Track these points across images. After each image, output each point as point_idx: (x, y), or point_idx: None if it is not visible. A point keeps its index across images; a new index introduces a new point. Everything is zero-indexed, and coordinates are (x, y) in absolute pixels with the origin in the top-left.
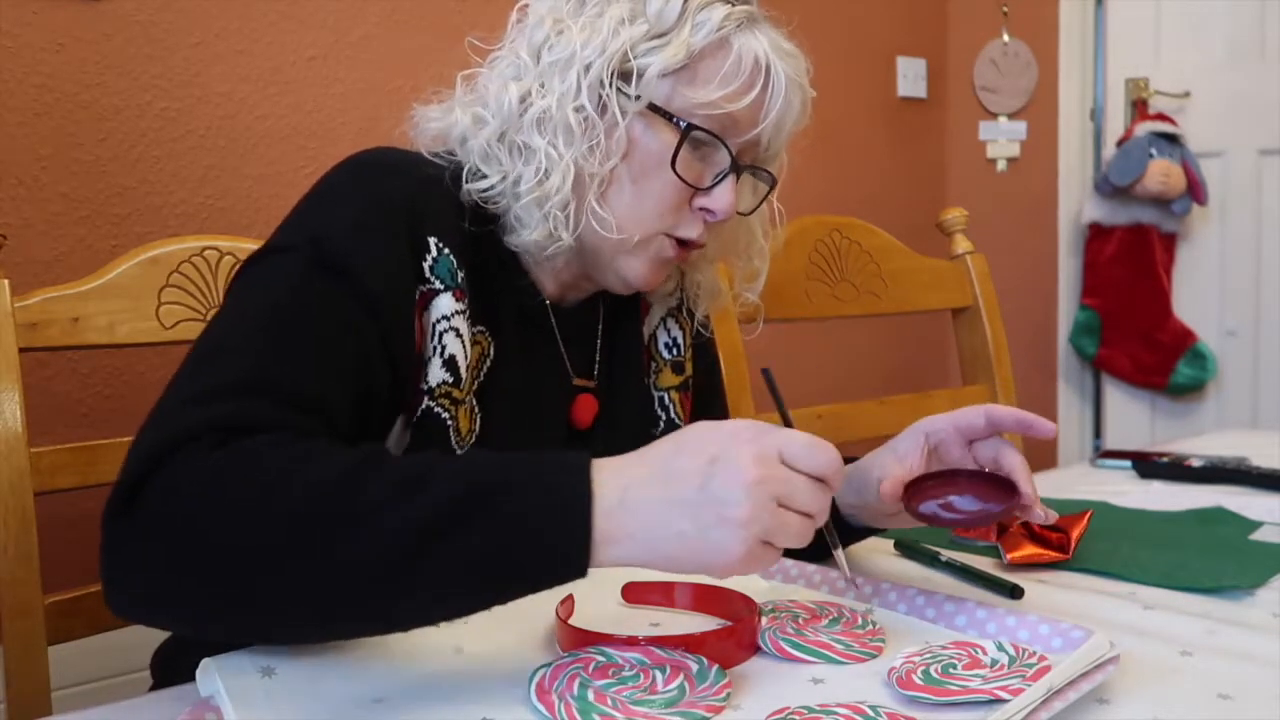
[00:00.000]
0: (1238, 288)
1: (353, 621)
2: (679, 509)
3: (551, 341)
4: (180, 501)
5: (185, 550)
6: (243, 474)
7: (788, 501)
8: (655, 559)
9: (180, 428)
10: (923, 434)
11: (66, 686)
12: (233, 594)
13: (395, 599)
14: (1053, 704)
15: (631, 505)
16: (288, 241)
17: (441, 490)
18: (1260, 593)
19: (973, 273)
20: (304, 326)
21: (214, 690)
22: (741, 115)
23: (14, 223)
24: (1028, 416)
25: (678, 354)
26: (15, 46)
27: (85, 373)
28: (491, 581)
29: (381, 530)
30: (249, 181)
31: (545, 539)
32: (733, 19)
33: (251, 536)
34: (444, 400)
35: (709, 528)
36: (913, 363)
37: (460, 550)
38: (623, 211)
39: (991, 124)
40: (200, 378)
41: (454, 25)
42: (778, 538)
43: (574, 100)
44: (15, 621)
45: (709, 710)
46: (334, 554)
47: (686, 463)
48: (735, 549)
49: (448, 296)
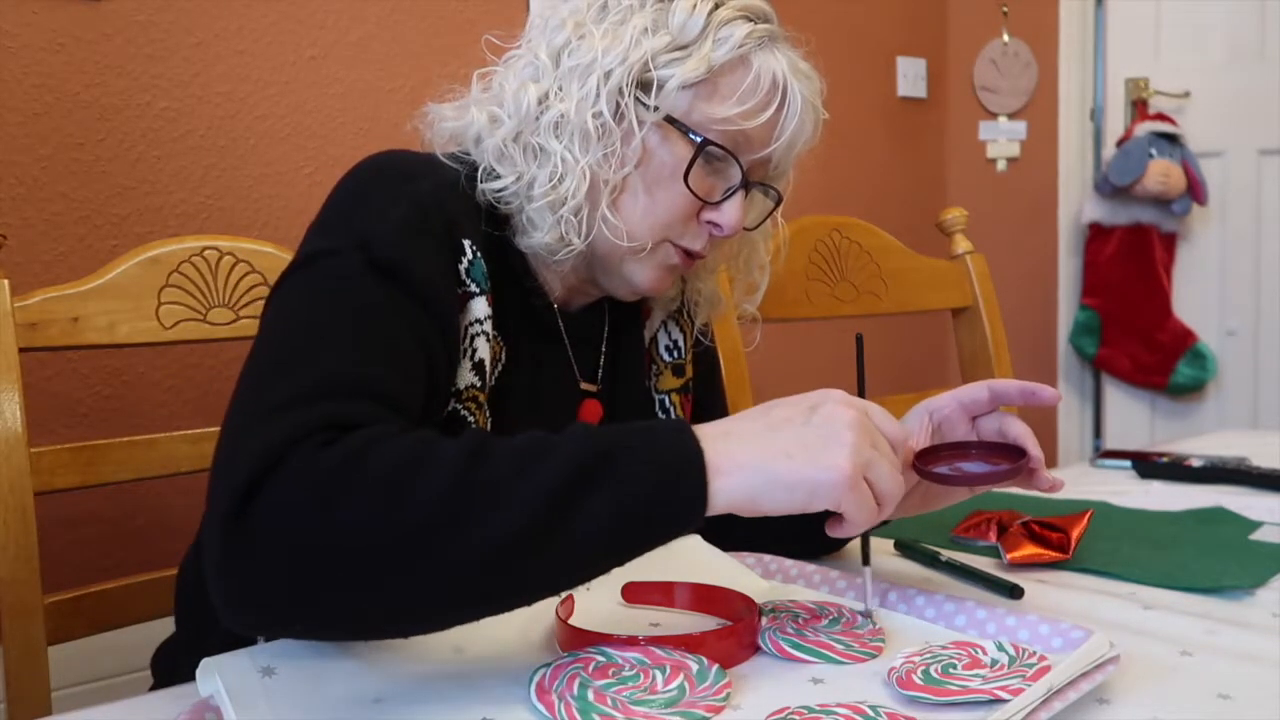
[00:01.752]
0: (1238, 288)
1: (493, 600)
2: (785, 436)
3: (559, 346)
4: (299, 508)
5: (312, 559)
6: (360, 471)
7: (878, 447)
8: (766, 484)
9: (283, 432)
10: (927, 412)
11: (66, 686)
12: (368, 594)
13: (534, 569)
14: (1053, 704)
15: (738, 436)
16: (333, 245)
17: (563, 457)
18: (1260, 593)
19: (973, 273)
20: (375, 325)
21: (214, 690)
22: (756, 133)
23: (14, 223)
24: (1031, 385)
25: (678, 356)
26: (15, 46)
27: (85, 373)
28: (623, 535)
29: (513, 503)
30: (249, 181)
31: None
32: (754, 37)
33: (381, 533)
34: (470, 404)
35: (816, 448)
36: (913, 363)
37: (591, 507)
38: (634, 219)
39: (991, 124)
40: (285, 382)
41: (455, 25)
42: (878, 473)
43: (592, 106)
44: (15, 621)
45: (709, 710)
46: (471, 534)
47: (785, 411)
48: (843, 464)
49: (481, 300)
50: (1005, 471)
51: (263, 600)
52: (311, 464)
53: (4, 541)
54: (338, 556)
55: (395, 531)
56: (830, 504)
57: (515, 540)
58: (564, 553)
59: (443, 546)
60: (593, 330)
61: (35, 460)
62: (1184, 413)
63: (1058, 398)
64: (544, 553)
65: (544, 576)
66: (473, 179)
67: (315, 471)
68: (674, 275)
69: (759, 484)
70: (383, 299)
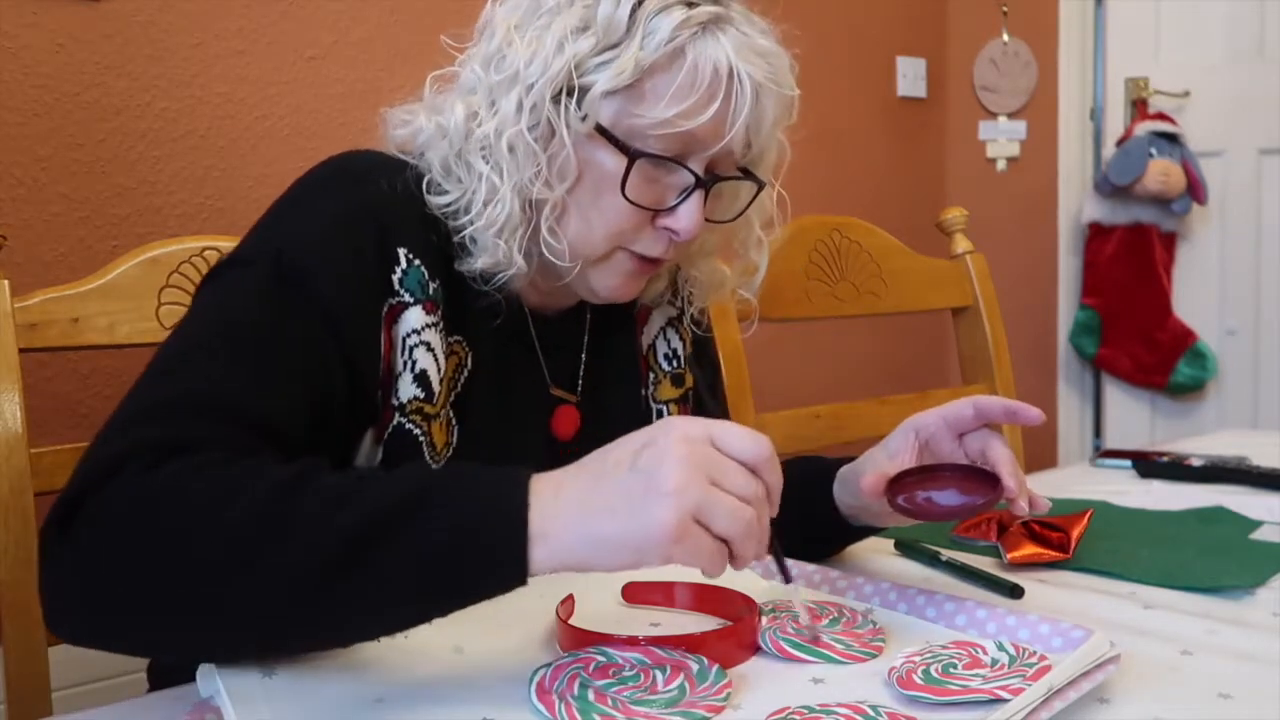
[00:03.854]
0: (1238, 288)
1: (290, 637)
2: (608, 488)
3: (530, 351)
4: (111, 528)
5: (117, 577)
6: (171, 497)
7: (719, 481)
8: (589, 547)
9: (116, 449)
10: (913, 430)
11: (66, 686)
12: (169, 618)
13: (331, 611)
14: (1053, 704)
15: (564, 497)
16: (250, 254)
17: (372, 499)
18: (1260, 593)
19: (973, 273)
20: (256, 343)
21: (214, 691)
22: (703, 131)
23: (14, 223)
24: (1014, 405)
25: (677, 365)
26: (15, 47)
27: (85, 373)
28: (427, 589)
29: (312, 542)
30: (249, 181)
31: (480, 539)
32: (690, 24)
33: (180, 559)
34: (415, 416)
35: (637, 500)
36: (913, 363)
37: (392, 557)
38: (578, 237)
39: (991, 124)
40: (146, 395)
41: (456, 25)
42: (711, 514)
43: (513, 125)
44: (15, 621)
45: (709, 710)
46: (266, 568)
47: (618, 454)
48: (666, 518)
49: (417, 310)
50: (977, 505)
51: (76, 614)
52: (125, 489)
53: (4, 542)
54: (135, 580)
55: (192, 560)
56: (659, 561)
57: (306, 582)
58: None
59: (238, 579)
60: (570, 336)
61: (35, 460)
62: (1184, 413)
63: (1041, 418)
64: (336, 597)
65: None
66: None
67: (127, 497)
68: (637, 281)
69: (581, 547)
70: (277, 315)
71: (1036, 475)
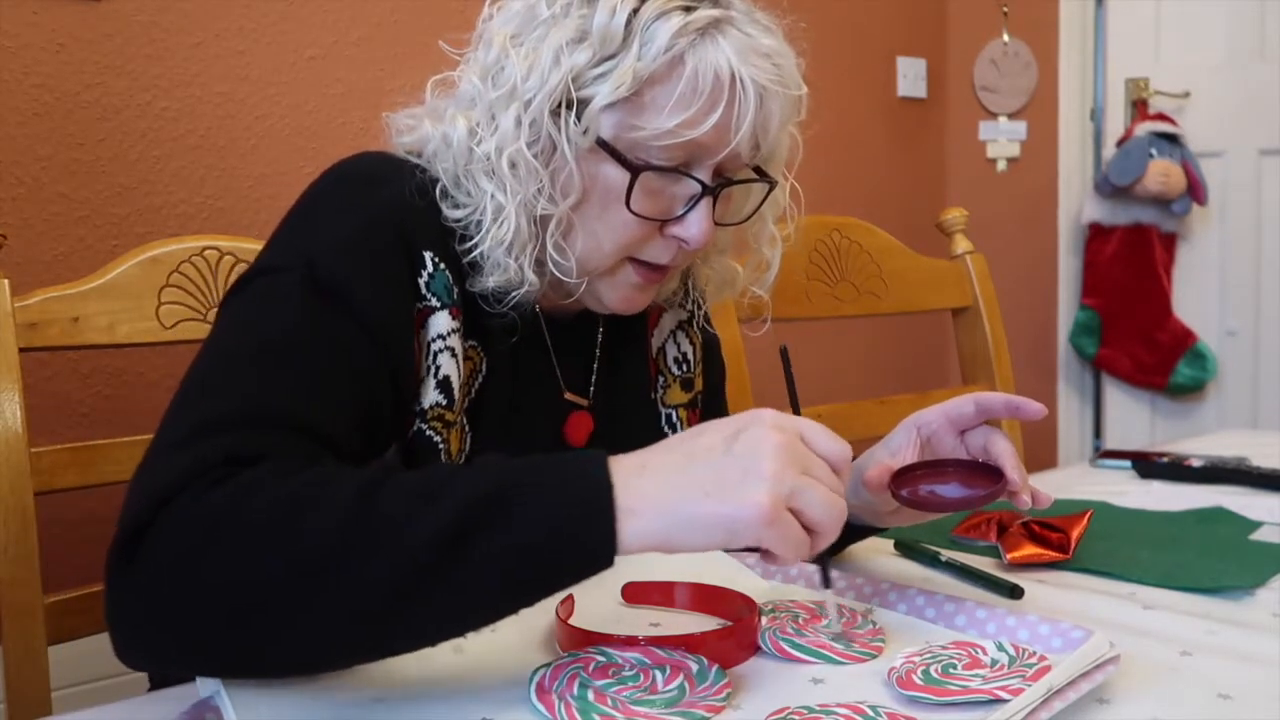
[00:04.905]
0: (1238, 288)
1: (384, 644)
2: (701, 469)
3: (544, 356)
4: (185, 552)
5: (198, 604)
6: (248, 511)
7: (810, 472)
8: (679, 526)
9: (179, 468)
10: (914, 427)
11: (66, 686)
12: (255, 638)
13: (427, 612)
14: (1053, 704)
15: (652, 471)
16: (279, 262)
17: (459, 496)
18: (1260, 593)
19: (973, 273)
20: (300, 353)
21: (214, 690)
22: (707, 138)
23: (14, 223)
24: (1016, 400)
25: (687, 370)
26: (15, 46)
27: (85, 373)
28: (521, 581)
29: (403, 545)
30: (249, 181)
31: (568, 524)
32: (688, 31)
33: (267, 577)
34: (436, 423)
35: (733, 483)
36: (913, 363)
37: (485, 550)
38: (584, 252)
39: (991, 124)
40: (195, 411)
41: (456, 25)
42: (806, 501)
43: (513, 142)
44: (15, 621)
45: (709, 710)
46: (358, 578)
47: (708, 439)
48: (763, 500)
49: (444, 314)
50: (981, 497)
51: (150, 644)
52: (198, 505)
53: (4, 541)
54: (218, 602)
55: (271, 583)
56: (751, 541)
57: (398, 591)
58: (454, 599)
59: (321, 598)
60: (583, 341)
61: (35, 460)
62: (1184, 413)
63: (1043, 412)
64: (432, 600)
65: (433, 625)
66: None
67: (200, 514)
68: (645, 293)
69: (672, 525)
70: (318, 323)
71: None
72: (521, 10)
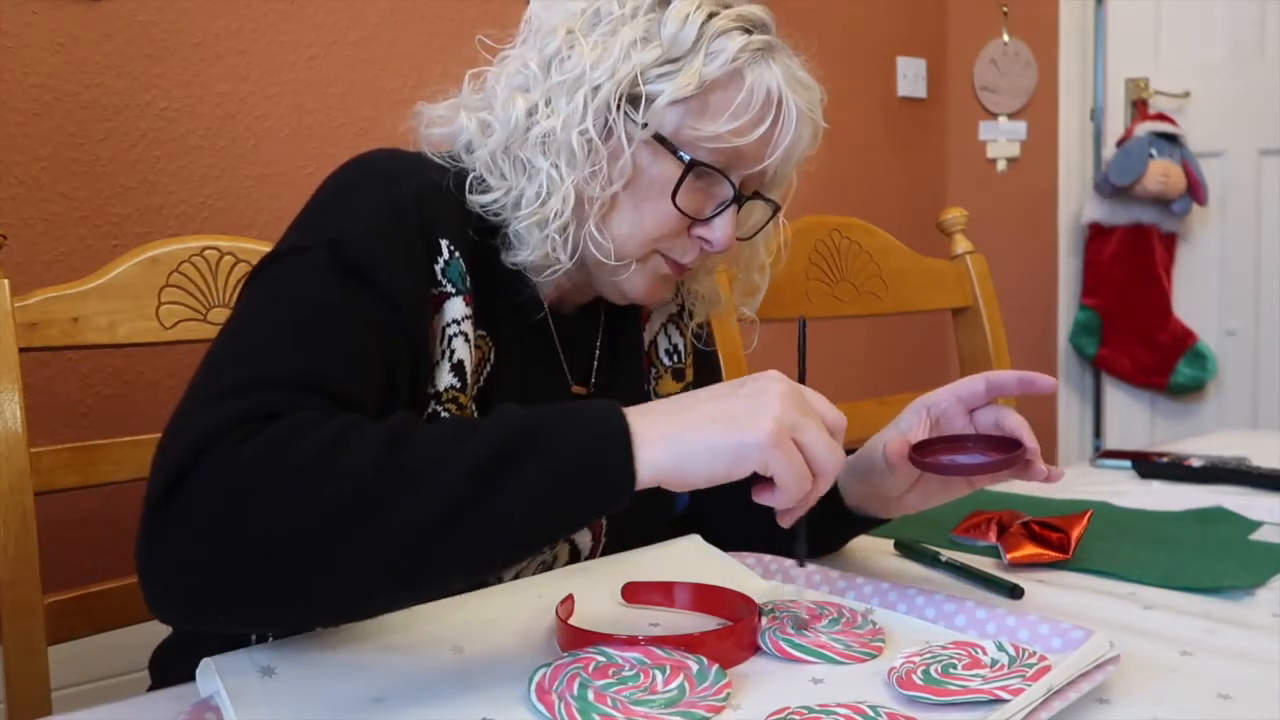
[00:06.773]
0: (1238, 288)
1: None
2: (709, 406)
3: (550, 347)
4: (229, 492)
5: (242, 544)
6: (289, 454)
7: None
8: (690, 452)
9: (218, 417)
10: (924, 408)
11: (66, 686)
12: (292, 579)
13: (458, 550)
14: (1053, 704)
15: (661, 411)
16: (304, 243)
17: (491, 432)
18: (1260, 593)
19: (973, 273)
20: (330, 322)
21: (214, 690)
22: (748, 149)
23: (14, 223)
24: (1028, 374)
25: (678, 360)
26: (15, 46)
27: (85, 373)
28: (549, 510)
29: (435, 485)
30: (249, 181)
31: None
32: (749, 49)
33: (304, 517)
34: (450, 405)
35: (741, 414)
36: (913, 363)
37: (515, 485)
38: (621, 236)
39: (991, 124)
40: (231, 370)
41: (455, 25)
42: (808, 438)
43: (579, 124)
44: (15, 621)
45: (709, 710)
46: (395, 516)
47: (715, 389)
48: (768, 425)
49: (458, 300)
50: (1000, 462)
51: (181, 590)
52: (233, 452)
53: (4, 541)
54: (253, 548)
55: (311, 522)
56: (757, 465)
57: (436, 524)
58: (488, 531)
59: (361, 534)
60: (586, 331)
61: (35, 460)
62: (1184, 413)
63: (1054, 385)
64: (468, 532)
65: (469, 557)
66: (461, 181)
67: (235, 460)
68: (668, 285)
69: (682, 452)
70: (344, 298)
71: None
72: (585, 7)
